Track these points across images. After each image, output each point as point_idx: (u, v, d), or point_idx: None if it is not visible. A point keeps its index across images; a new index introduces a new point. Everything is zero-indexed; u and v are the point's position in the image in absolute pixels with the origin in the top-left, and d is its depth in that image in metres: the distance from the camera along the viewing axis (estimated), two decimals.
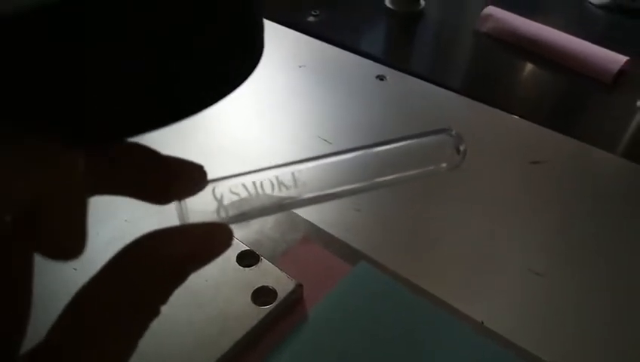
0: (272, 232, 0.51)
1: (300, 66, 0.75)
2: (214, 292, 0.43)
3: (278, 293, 0.43)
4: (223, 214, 0.18)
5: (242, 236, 0.49)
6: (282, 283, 0.44)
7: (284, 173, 0.19)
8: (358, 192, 0.20)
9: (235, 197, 0.18)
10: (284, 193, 0.19)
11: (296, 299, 0.44)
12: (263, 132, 0.64)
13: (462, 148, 0.21)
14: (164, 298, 0.16)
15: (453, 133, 0.21)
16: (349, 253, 0.49)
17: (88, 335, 0.15)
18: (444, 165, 0.21)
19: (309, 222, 0.52)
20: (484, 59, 0.87)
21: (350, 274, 0.47)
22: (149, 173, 0.17)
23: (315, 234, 0.51)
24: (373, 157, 0.20)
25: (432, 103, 0.70)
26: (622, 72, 0.76)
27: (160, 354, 0.38)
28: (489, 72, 0.83)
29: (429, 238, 0.51)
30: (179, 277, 0.16)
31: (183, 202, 0.18)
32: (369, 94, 0.71)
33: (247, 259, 0.45)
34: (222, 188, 0.18)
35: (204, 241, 0.17)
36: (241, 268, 0.45)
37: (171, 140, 0.66)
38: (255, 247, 0.47)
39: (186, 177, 0.18)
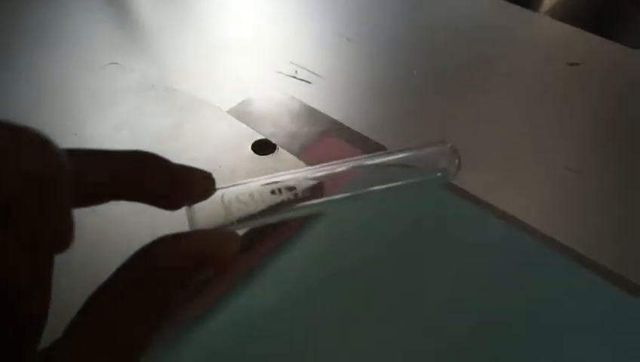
0: (290, 126, 0.47)
1: None
2: (229, 178, 0.40)
3: (297, 187, 0.40)
4: (230, 219, 0.19)
5: (258, 128, 0.46)
6: (302, 179, 0.41)
7: (289, 180, 0.20)
8: (351, 200, 0.21)
9: (242, 205, 0.19)
10: (287, 198, 0.20)
11: (316, 188, 0.41)
12: (287, 28, 0.60)
13: (457, 161, 0.22)
14: (173, 299, 0.16)
15: (449, 145, 0.22)
16: (372, 149, 0.46)
17: (102, 336, 0.15)
18: (439, 175, 0.22)
19: (329, 117, 0.48)
20: None
21: None
22: (160, 181, 0.17)
23: (336, 129, 0.47)
24: (372, 168, 0.21)
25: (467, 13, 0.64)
26: None
27: None
28: None
29: (459, 133, 0.48)
30: (186, 282, 0.17)
31: (192, 208, 0.18)
32: None
33: (263, 148, 0.43)
34: (229, 195, 0.19)
35: (212, 248, 0.17)
36: (257, 155, 0.42)
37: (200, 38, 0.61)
38: (271, 139, 0.44)
39: (196, 185, 0.18)
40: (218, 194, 0.19)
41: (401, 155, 0.21)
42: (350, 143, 0.46)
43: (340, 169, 0.21)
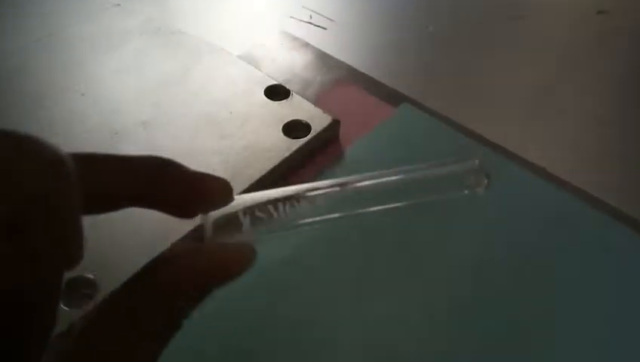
0: (304, 72, 0.45)
1: None
2: (240, 124, 0.38)
3: (313, 127, 0.38)
4: (246, 228, 0.18)
5: (269, 73, 0.43)
6: (317, 118, 0.38)
7: (307, 192, 0.19)
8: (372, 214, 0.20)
9: (259, 214, 0.18)
10: (306, 212, 0.19)
11: (332, 135, 0.39)
12: None
13: (485, 181, 0.22)
14: (185, 313, 0.16)
15: (477, 163, 0.21)
16: (390, 96, 0.43)
17: (112, 345, 0.15)
18: (466, 192, 0.21)
19: (345, 63, 0.46)
20: None
21: (392, 115, 0.41)
22: (176, 191, 0.17)
23: (352, 76, 0.45)
24: (395, 183, 0.20)
25: None
26: None
27: None
28: None
29: (483, 83, 0.45)
30: (201, 294, 0.16)
31: (208, 216, 0.17)
32: None
33: (277, 93, 0.40)
34: (247, 203, 0.18)
35: (228, 260, 0.17)
36: (270, 101, 0.40)
37: None
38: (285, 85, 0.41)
39: (213, 194, 0.17)
40: (236, 202, 0.18)
41: (427, 172, 0.21)
42: (367, 90, 0.43)
43: (362, 183, 0.20)
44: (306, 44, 0.47)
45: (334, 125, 0.39)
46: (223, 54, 0.44)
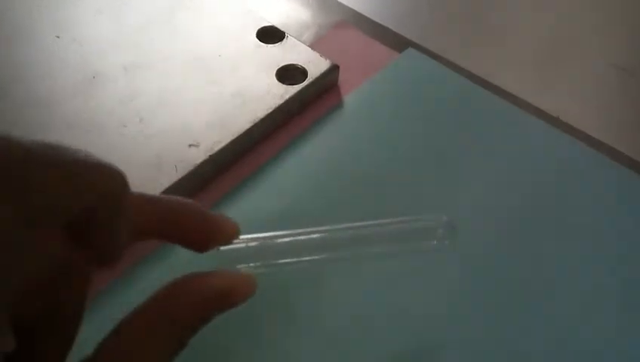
0: (301, 14, 0.41)
1: None
2: (230, 69, 0.35)
3: (309, 73, 0.35)
4: (250, 263, 0.21)
5: (263, 14, 0.39)
6: (314, 63, 0.35)
7: (304, 236, 0.22)
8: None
9: (260, 253, 0.22)
10: (303, 253, 0.22)
11: (330, 82, 0.36)
12: None
13: (453, 235, 0.23)
14: (191, 333, 0.18)
15: (444, 219, 0.23)
16: (394, 41, 0.40)
17: (126, 359, 0.17)
18: (435, 242, 0.23)
19: (346, 5, 0.42)
20: None
21: (396, 60, 0.38)
22: (196, 231, 0.20)
23: (353, 19, 0.41)
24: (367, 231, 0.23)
25: None
26: None
27: (167, 131, 0.31)
28: None
29: (495, 26, 0.42)
30: (206, 316, 0.18)
31: (219, 250, 0.21)
32: None
33: (271, 35, 0.37)
34: (251, 241, 0.21)
35: (232, 285, 0.19)
36: (263, 44, 0.36)
37: None
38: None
39: (224, 232, 0.21)
40: (242, 239, 0.21)
41: (398, 225, 0.23)
42: (369, 35, 0.40)
43: (337, 234, 0.22)
44: None
45: (333, 70, 0.35)
46: None
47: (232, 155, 0.32)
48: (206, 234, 0.20)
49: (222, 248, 0.21)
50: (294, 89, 0.34)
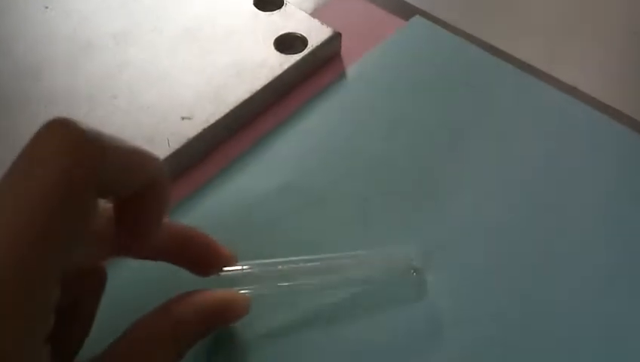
0: None
1: None
2: (226, 37, 0.33)
3: (309, 41, 0.33)
4: (246, 285, 0.23)
5: None
6: (314, 31, 0.33)
7: (296, 264, 0.24)
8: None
9: (255, 280, 0.23)
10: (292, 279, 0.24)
11: (332, 51, 0.34)
12: None
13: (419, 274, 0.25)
14: (190, 344, 0.20)
15: (413, 262, 0.25)
16: (400, 8, 0.38)
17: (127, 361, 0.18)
18: (413, 272, 0.25)
19: None
20: None
21: (402, 29, 0.36)
22: (201, 257, 0.22)
23: None
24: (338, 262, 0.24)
25: None
26: None
27: (158, 103, 0.30)
28: None
29: None
30: (202, 331, 0.21)
31: (219, 275, 0.23)
32: None
33: (268, 2, 0.35)
34: (249, 266, 0.23)
35: (231, 301, 0.22)
36: (260, 12, 0.34)
37: None
38: None
39: (225, 259, 0.22)
40: (239, 266, 0.23)
41: (369, 257, 0.25)
42: (373, 2, 0.38)
43: (316, 263, 0.24)
44: None
45: (335, 39, 0.34)
46: None
47: (227, 129, 0.30)
48: (209, 259, 0.22)
49: (221, 273, 0.22)
50: (293, 58, 0.32)
